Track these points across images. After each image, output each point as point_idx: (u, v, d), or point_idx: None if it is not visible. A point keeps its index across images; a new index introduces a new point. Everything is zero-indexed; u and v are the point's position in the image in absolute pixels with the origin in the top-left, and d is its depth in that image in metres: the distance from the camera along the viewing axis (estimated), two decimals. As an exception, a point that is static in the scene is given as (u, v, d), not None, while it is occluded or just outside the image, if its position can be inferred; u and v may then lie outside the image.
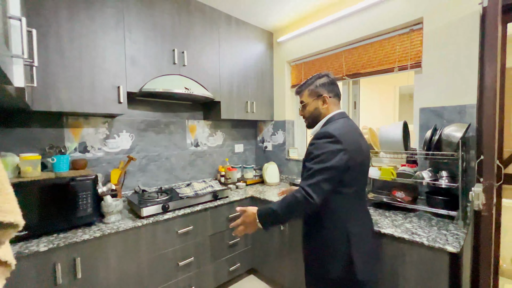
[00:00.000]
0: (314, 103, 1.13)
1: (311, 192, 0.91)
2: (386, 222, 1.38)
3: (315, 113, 1.14)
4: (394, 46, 1.81)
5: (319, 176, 0.93)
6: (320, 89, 1.11)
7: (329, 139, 0.97)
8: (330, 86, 1.12)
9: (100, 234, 1.30)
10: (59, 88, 1.36)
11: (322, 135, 1.00)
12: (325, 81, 1.12)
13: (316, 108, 1.13)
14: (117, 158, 1.85)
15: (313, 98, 1.13)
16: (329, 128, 1.02)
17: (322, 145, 0.97)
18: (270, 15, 2.24)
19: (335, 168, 0.94)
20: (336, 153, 0.95)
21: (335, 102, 1.14)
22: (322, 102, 1.11)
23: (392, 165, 1.72)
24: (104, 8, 1.51)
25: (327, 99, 1.10)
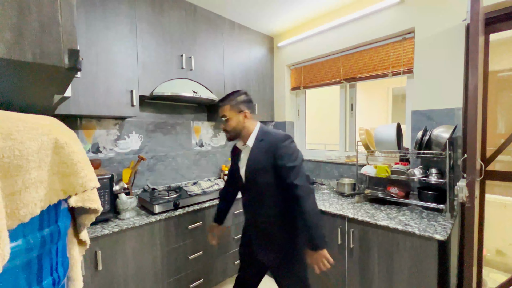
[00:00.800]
0: (236, 118, 1.24)
1: (305, 182, 1.11)
2: (382, 215, 1.51)
3: (237, 127, 1.25)
4: (388, 52, 1.95)
5: (302, 169, 1.14)
6: (241, 105, 1.24)
7: (291, 140, 1.19)
8: (249, 103, 1.27)
9: (118, 229, 1.39)
10: (78, 93, 1.45)
11: (285, 138, 1.18)
12: (245, 98, 1.26)
13: (238, 123, 1.24)
14: (127, 158, 1.94)
15: (235, 113, 1.24)
16: (278, 132, 1.22)
17: (290, 145, 1.17)
18: (271, 21, 2.36)
19: (302, 159, 1.20)
20: (296, 147, 1.21)
21: (253, 117, 1.29)
22: (243, 117, 1.24)
23: (386, 163, 1.86)
24: (119, 18, 1.60)
25: (247, 115, 1.25)
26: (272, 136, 1.21)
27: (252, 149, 1.23)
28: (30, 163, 0.43)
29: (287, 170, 1.13)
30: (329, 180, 2.30)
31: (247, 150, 1.25)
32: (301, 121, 2.72)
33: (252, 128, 1.26)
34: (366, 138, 1.84)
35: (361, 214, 1.54)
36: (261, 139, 1.22)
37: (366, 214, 1.54)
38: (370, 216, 1.51)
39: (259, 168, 1.19)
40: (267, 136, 1.22)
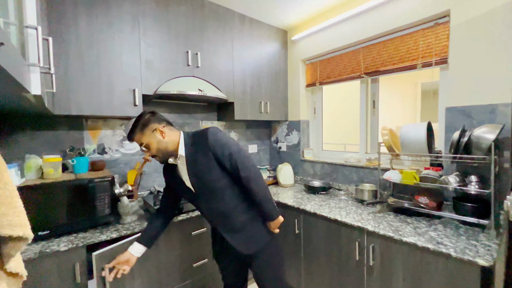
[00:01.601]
0: (154, 139, 1.15)
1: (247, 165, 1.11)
2: (408, 230, 1.30)
3: (161, 147, 1.16)
4: (417, 41, 1.70)
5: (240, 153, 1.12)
6: (150, 125, 1.15)
7: (215, 130, 1.15)
8: (157, 119, 1.18)
9: (116, 235, 1.33)
10: (79, 93, 1.41)
11: (210, 131, 1.14)
12: (149, 116, 1.17)
13: (158, 142, 1.15)
14: (133, 159, 1.90)
15: (149, 135, 1.14)
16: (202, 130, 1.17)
17: (217, 135, 1.14)
18: (285, 13, 2.19)
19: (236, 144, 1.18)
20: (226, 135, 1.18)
21: (171, 128, 1.21)
22: (160, 134, 1.15)
23: (414, 168, 1.63)
24: (121, 14, 1.54)
25: (162, 129, 1.16)
26: (199, 136, 1.17)
27: (186, 156, 1.17)
28: None
29: (227, 159, 1.12)
30: (347, 185, 2.09)
31: (183, 160, 1.18)
32: (317, 120, 2.52)
33: (177, 138, 1.19)
34: (390, 139, 1.62)
35: (383, 227, 1.34)
36: (191, 144, 1.17)
37: (389, 227, 1.34)
38: (394, 230, 1.31)
39: (203, 169, 1.15)
40: (195, 138, 1.18)
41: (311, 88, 2.51)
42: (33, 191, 1.21)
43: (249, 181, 1.11)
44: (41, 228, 1.23)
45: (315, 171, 2.35)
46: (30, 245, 1.19)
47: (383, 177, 1.62)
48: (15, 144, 1.47)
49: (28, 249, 1.15)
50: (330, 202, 1.83)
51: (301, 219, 1.76)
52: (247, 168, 1.11)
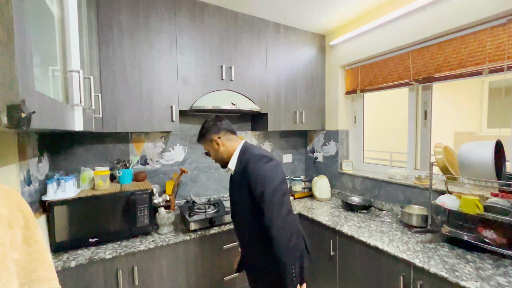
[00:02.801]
0: (212, 149, 1.20)
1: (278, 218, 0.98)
2: (468, 271, 1.10)
3: (218, 156, 1.20)
4: (483, 42, 1.44)
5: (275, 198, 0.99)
6: (207, 135, 1.19)
7: (267, 159, 1.06)
8: (216, 128, 1.18)
9: (154, 245, 1.41)
10: (124, 111, 1.53)
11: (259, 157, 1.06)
12: (210, 125, 1.19)
13: (215, 151, 1.19)
14: (172, 170, 2.00)
15: (209, 144, 1.20)
16: (253, 152, 1.10)
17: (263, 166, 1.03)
18: (322, 17, 2.07)
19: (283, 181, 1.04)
20: (275, 168, 1.05)
21: (230, 137, 1.20)
22: (216, 144, 1.17)
23: (477, 193, 1.38)
24: (160, 34, 1.64)
25: (218, 140, 1.17)
26: (247, 155, 1.11)
27: (234, 174, 1.17)
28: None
29: (258, 197, 1.01)
30: (391, 205, 1.88)
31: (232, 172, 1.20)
32: (358, 130, 2.34)
33: (233, 150, 1.18)
34: (445, 158, 1.40)
35: (434, 264, 1.16)
36: (241, 161, 1.13)
37: (443, 265, 1.15)
38: (449, 268, 1.12)
39: (237, 192, 1.15)
40: (244, 156, 1.12)
41: (351, 96, 2.33)
42: (85, 202, 1.36)
43: (269, 231, 0.98)
44: (92, 235, 1.37)
45: (354, 185, 2.18)
46: (82, 250, 1.33)
47: (436, 201, 1.41)
48: (73, 156, 1.67)
49: (81, 254, 1.29)
50: (370, 224, 1.67)
51: (336, 241, 1.64)
52: (272, 220, 0.97)
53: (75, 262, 1.21)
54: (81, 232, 1.34)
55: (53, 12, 0.64)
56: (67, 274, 1.20)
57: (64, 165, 1.63)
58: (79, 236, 1.33)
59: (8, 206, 0.39)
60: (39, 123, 0.45)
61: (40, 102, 0.46)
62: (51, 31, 0.64)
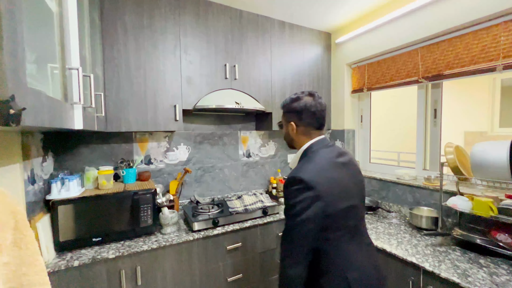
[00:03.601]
0: (285, 127, 1.04)
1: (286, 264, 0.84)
2: (481, 276, 1.05)
3: (287, 138, 1.05)
4: (496, 37, 1.38)
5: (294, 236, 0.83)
6: (290, 115, 1.00)
7: (299, 186, 0.83)
8: (300, 113, 0.96)
9: (157, 245, 1.40)
10: (128, 111, 1.53)
11: (290, 181, 0.86)
12: (297, 106, 0.97)
13: (287, 133, 1.04)
14: (176, 170, 2.00)
15: (285, 121, 1.04)
16: (298, 169, 0.88)
17: (293, 193, 0.84)
18: (328, 14, 2.04)
19: (311, 221, 0.81)
20: (306, 201, 0.82)
21: (307, 132, 0.98)
22: (291, 130, 1.00)
23: (490, 195, 1.32)
24: (165, 35, 1.63)
25: (294, 128, 0.99)
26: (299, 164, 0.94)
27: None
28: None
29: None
30: (399, 206, 1.83)
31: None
32: (365, 130, 2.29)
33: (301, 144, 0.99)
34: (456, 159, 1.35)
35: (445, 268, 1.11)
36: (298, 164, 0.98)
37: (454, 269, 1.10)
38: (461, 273, 1.07)
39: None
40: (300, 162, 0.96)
41: (357, 94, 2.28)
42: (89, 201, 1.36)
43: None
44: (95, 235, 1.37)
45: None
46: (86, 250, 1.33)
47: (447, 203, 1.36)
48: (78, 155, 1.68)
49: (84, 253, 1.29)
50: (378, 226, 1.62)
51: (342, 243, 1.60)
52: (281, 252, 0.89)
53: (78, 262, 1.21)
54: (85, 231, 1.34)
55: (52, 9, 0.63)
56: (70, 273, 1.20)
57: (68, 164, 1.64)
58: (82, 235, 1.33)
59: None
60: (32, 120, 0.44)
61: (34, 99, 0.45)
62: (49, 28, 0.63)
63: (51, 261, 1.21)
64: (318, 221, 0.83)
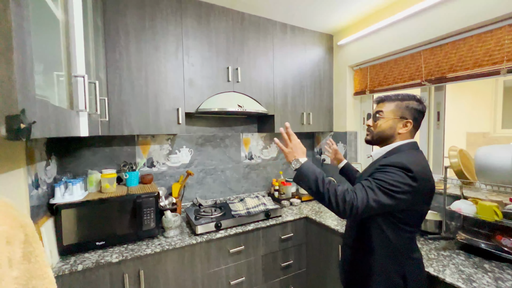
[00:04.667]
0: (393, 122, 1.00)
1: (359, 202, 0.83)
2: (486, 281, 1.04)
3: (387, 132, 1.01)
4: (501, 40, 1.37)
5: (377, 195, 0.84)
6: (408, 112, 0.99)
7: (404, 171, 0.86)
8: (418, 114, 1.00)
9: (160, 249, 1.40)
10: (130, 114, 1.53)
11: (397, 165, 0.88)
12: (418, 107, 0.99)
13: (391, 128, 1.00)
14: (178, 172, 2.00)
15: (396, 117, 1.00)
16: (405, 159, 0.90)
17: (394, 173, 0.87)
18: (330, 16, 2.03)
19: (395, 199, 0.85)
20: (406, 186, 0.85)
21: (412, 133, 1.02)
22: (402, 126, 0.99)
23: (494, 199, 1.31)
24: (166, 37, 1.63)
25: (409, 125, 0.99)
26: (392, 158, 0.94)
27: (371, 163, 1.07)
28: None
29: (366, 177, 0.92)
30: (402, 209, 1.82)
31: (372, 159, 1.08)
32: (367, 131, 2.28)
33: (399, 141, 1.00)
34: (460, 162, 1.34)
35: (450, 273, 1.11)
36: (384, 157, 0.99)
37: (459, 274, 1.10)
38: (466, 278, 1.06)
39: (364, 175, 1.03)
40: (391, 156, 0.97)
41: (359, 97, 2.28)
42: (92, 205, 1.36)
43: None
44: (98, 239, 1.37)
45: (364, 188, 2.12)
46: (89, 254, 1.33)
47: (451, 207, 1.35)
48: (81, 159, 1.68)
49: (88, 257, 1.29)
50: (380, 229, 1.62)
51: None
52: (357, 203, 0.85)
53: (82, 266, 1.21)
54: (88, 235, 1.34)
55: (57, 17, 0.63)
56: (74, 278, 1.20)
57: (72, 168, 1.64)
58: (86, 239, 1.33)
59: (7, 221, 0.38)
60: (40, 132, 0.44)
61: (42, 110, 0.45)
62: (55, 36, 0.63)
63: (55, 265, 1.21)
64: (398, 207, 0.88)
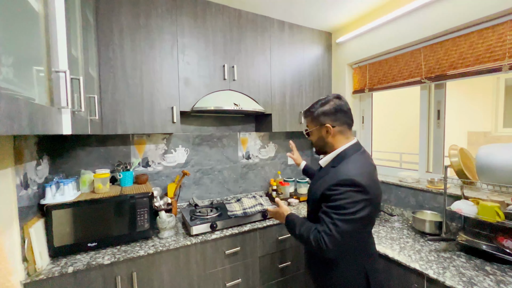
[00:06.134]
0: (317, 132, 1.04)
1: (328, 242, 0.87)
2: (488, 284, 1.01)
3: (319, 143, 1.06)
4: (502, 36, 1.34)
5: (341, 228, 0.86)
6: (322, 118, 1.01)
7: (355, 188, 0.88)
8: (334, 114, 1.00)
9: (153, 251, 1.37)
10: (124, 113, 1.51)
11: (345, 182, 0.89)
12: (329, 108, 1.00)
13: (319, 138, 1.04)
14: (174, 172, 1.97)
15: (316, 127, 1.04)
16: (350, 171, 0.91)
17: (347, 194, 0.88)
18: (329, 14, 2.00)
19: (359, 221, 0.88)
20: (360, 203, 0.87)
21: (344, 131, 1.02)
22: (326, 132, 1.01)
23: (496, 199, 1.28)
24: (161, 34, 1.60)
25: (330, 130, 1.00)
26: (336, 170, 0.95)
27: (321, 171, 1.07)
28: None
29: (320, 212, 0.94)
30: (402, 209, 1.79)
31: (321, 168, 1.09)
32: (366, 130, 2.25)
33: (337, 146, 1.01)
34: (461, 161, 1.30)
35: (450, 276, 1.07)
36: (333, 166, 1.00)
37: (460, 277, 1.06)
38: (467, 281, 1.03)
39: (314, 188, 1.05)
40: (339, 166, 0.96)
41: (358, 95, 2.24)
42: (84, 206, 1.33)
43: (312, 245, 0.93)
44: (91, 240, 1.34)
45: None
46: (81, 255, 1.31)
47: (451, 207, 1.32)
48: (74, 158, 1.65)
49: (79, 259, 1.26)
50: (379, 230, 1.59)
51: (343, 247, 1.57)
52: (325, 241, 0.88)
53: (73, 268, 1.18)
54: (80, 236, 1.32)
55: (36, 10, 0.60)
56: (65, 280, 1.17)
57: (64, 168, 1.62)
58: (77, 240, 1.31)
59: None
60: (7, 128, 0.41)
61: (10, 105, 0.42)
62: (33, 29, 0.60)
63: (45, 267, 1.18)
64: (363, 223, 0.92)
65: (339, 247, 0.88)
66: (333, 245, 0.86)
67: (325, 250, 0.87)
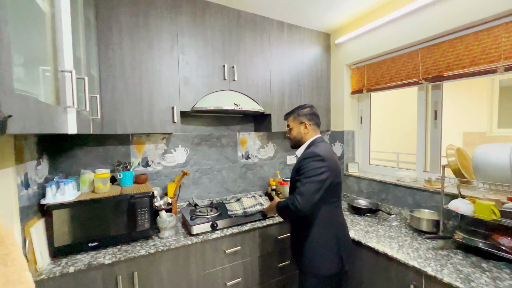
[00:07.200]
0: (297, 128, 1.39)
1: (300, 201, 1.15)
2: (484, 281, 1.03)
3: (297, 136, 1.40)
4: (498, 38, 1.37)
5: (308, 188, 1.16)
6: (302, 118, 1.38)
7: (316, 158, 1.20)
8: (310, 116, 1.38)
9: (154, 250, 1.37)
10: (124, 113, 1.50)
11: (310, 155, 1.22)
12: (307, 112, 1.38)
13: (298, 132, 1.39)
14: (173, 172, 1.97)
15: (297, 124, 1.39)
16: (314, 149, 1.25)
17: (311, 163, 1.20)
18: (327, 15, 2.02)
19: (321, 182, 1.18)
20: (321, 169, 1.19)
21: (315, 129, 1.40)
22: (304, 128, 1.37)
23: (492, 197, 1.31)
24: (161, 34, 1.60)
25: (307, 126, 1.37)
26: (306, 151, 1.29)
27: (298, 159, 1.34)
28: None
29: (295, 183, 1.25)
30: (399, 209, 1.82)
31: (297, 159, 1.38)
32: (364, 131, 2.27)
33: (308, 139, 1.37)
34: (458, 161, 1.33)
35: (448, 273, 1.10)
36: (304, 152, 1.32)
37: (457, 274, 1.08)
38: (464, 278, 1.05)
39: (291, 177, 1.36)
40: (306, 150, 1.31)
41: (357, 95, 2.27)
42: (84, 205, 1.33)
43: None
44: (91, 240, 1.34)
45: (361, 188, 2.12)
46: (82, 255, 1.30)
47: (448, 206, 1.35)
48: (74, 158, 1.64)
49: (80, 259, 1.26)
50: (378, 229, 1.61)
51: (343, 246, 1.58)
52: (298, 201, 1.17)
53: (74, 268, 1.18)
54: (80, 236, 1.31)
55: (43, 10, 0.61)
56: (65, 280, 1.17)
57: (64, 167, 1.61)
58: (78, 240, 1.30)
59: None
60: (20, 128, 0.41)
61: (21, 104, 0.42)
62: (40, 29, 0.60)
63: (45, 267, 1.18)
64: (323, 184, 1.18)
65: (310, 205, 1.15)
66: (305, 202, 1.14)
67: (299, 208, 1.14)
